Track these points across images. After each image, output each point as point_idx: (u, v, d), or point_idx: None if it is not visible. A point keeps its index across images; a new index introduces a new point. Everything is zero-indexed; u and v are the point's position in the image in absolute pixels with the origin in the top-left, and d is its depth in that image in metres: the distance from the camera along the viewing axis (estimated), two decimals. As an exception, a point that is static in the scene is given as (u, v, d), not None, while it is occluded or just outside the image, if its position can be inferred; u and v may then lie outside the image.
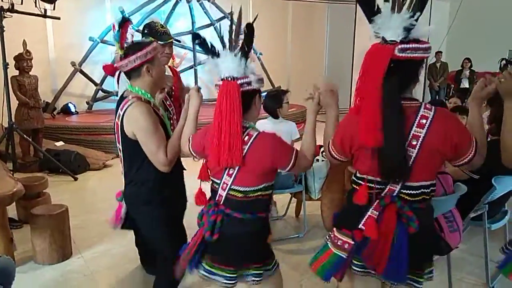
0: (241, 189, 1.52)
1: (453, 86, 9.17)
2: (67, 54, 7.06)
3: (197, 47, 2.44)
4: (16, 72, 4.94)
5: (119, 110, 1.78)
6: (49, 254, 2.76)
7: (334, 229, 1.56)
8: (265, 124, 3.15)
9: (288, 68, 9.81)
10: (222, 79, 1.49)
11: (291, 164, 1.53)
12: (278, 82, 8.72)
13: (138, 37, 7.78)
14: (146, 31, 2.38)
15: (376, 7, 1.37)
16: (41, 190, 3.50)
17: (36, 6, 4.76)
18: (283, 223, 3.55)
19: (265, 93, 3.38)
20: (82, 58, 7.04)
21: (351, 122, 1.47)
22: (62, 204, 2.97)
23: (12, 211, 3.33)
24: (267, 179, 1.55)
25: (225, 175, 1.53)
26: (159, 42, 2.24)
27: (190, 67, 8.10)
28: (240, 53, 1.48)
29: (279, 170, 1.57)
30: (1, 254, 2.11)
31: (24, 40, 4.88)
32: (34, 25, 6.29)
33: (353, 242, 1.46)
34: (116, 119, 1.81)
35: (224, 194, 1.55)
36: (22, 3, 4.46)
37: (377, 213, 1.41)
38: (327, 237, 1.57)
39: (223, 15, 7.87)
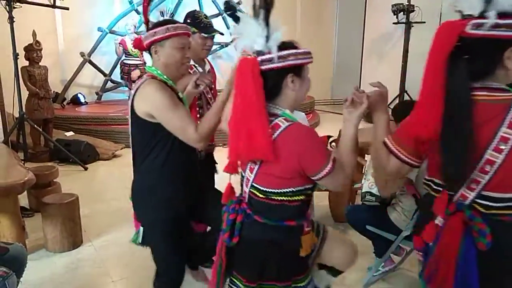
0: (262, 188, 1.27)
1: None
2: (76, 44, 7.09)
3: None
4: (26, 63, 4.97)
5: (133, 90, 1.67)
6: (60, 242, 2.81)
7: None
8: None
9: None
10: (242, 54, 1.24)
11: (324, 172, 1.21)
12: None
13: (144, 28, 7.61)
14: (189, 21, 2.19)
15: None
16: (51, 180, 3.55)
17: (45, -4, 4.78)
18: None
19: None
20: (91, 49, 7.08)
21: None
22: (72, 193, 3.01)
23: (23, 200, 3.38)
24: (294, 183, 1.25)
25: (247, 169, 1.30)
26: (202, 34, 2.16)
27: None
28: (263, 20, 1.21)
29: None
30: (13, 242, 2.15)
31: (33, 31, 4.91)
32: (43, 16, 6.32)
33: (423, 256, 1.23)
34: (129, 100, 1.69)
35: (247, 191, 1.32)
36: (31, -6, 4.48)
37: (444, 221, 1.15)
38: None
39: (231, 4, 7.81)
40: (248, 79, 1.19)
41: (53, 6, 4.94)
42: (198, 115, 2.19)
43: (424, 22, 7.02)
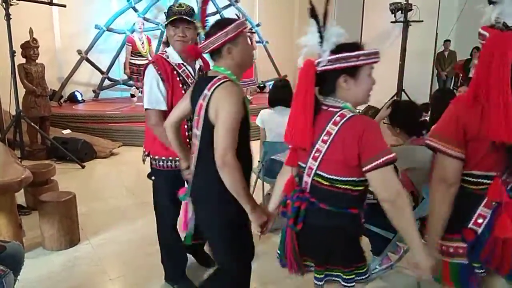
0: (327, 176, 1.36)
1: (461, 75, 9.05)
2: (73, 42, 7.07)
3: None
4: (23, 60, 4.95)
5: (206, 90, 1.57)
6: (58, 240, 2.80)
7: (439, 241, 1.43)
8: (269, 114, 3.13)
9: (295, 57, 9.73)
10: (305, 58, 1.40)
11: (382, 159, 1.25)
12: (285, 71, 8.67)
13: (146, 25, 7.65)
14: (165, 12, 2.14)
15: None
16: (48, 178, 3.54)
17: (42, -7, 4.75)
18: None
19: (272, 82, 3.36)
20: (88, 46, 7.05)
21: (464, 113, 1.34)
22: (69, 191, 3.01)
23: (20, 198, 3.37)
24: (356, 173, 1.33)
25: (310, 158, 1.39)
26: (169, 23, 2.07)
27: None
28: (316, 27, 1.37)
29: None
30: (10, 240, 2.14)
31: (30, 28, 4.88)
32: (40, 13, 6.29)
33: (465, 245, 1.37)
34: (201, 100, 1.59)
35: (309, 180, 1.41)
36: (28, -9, 4.46)
37: (489, 211, 1.33)
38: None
39: (229, 2, 7.81)
40: (302, 80, 1.38)
41: (50, 3, 4.92)
42: (186, 126, 2.08)
43: (422, 21, 7.04)
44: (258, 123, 3.24)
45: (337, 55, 1.34)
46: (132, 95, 7.08)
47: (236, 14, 7.07)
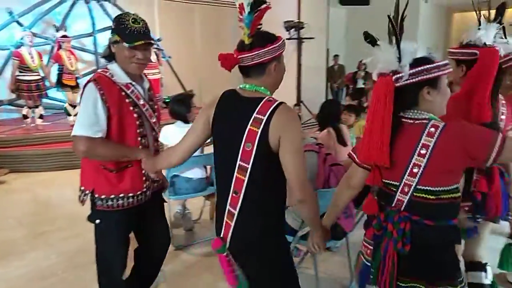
0: (432, 189, 1.33)
1: (351, 86, 10.03)
2: None
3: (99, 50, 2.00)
4: None
5: (256, 114, 1.38)
6: None
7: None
8: (172, 129, 3.12)
9: (198, 71, 9.80)
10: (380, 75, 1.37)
11: (494, 154, 1.27)
12: (190, 86, 8.67)
13: (35, 40, 6.98)
14: (113, 26, 1.72)
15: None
16: None
17: None
18: (198, 226, 3.55)
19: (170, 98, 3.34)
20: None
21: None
22: None
23: None
24: (458, 177, 1.37)
25: (406, 175, 1.34)
26: (124, 43, 1.68)
27: (92, 72, 7.66)
28: (394, 43, 1.35)
29: None
30: None
31: None
32: None
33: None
34: (250, 126, 1.39)
35: (406, 198, 1.35)
36: None
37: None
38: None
39: (126, 17, 7.58)
40: (381, 96, 1.33)
41: None
42: (140, 139, 1.81)
43: (314, 38, 7.65)
44: (161, 140, 3.19)
45: (419, 68, 1.33)
46: (25, 116, 6.35)
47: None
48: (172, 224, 3.24)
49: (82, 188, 1.82)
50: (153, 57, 6.89)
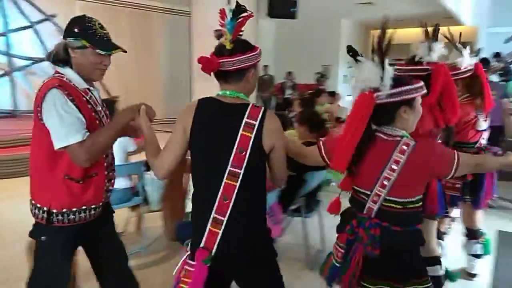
0: (400, 200, 1.47)
1: (280, 96, 10.36)
2: None
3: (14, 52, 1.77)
4: None
5: (247, 119, 1.41)
6: None
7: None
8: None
9: (125, 76, 9.42)
10: (361, 91, 1.47)
11: (452, 173, 1.48)
12: (116, 91, 8.28)
13: None
14: (76, 30, 1.62)
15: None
16: None
17: None
18: (123, 239, 3.34)
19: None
20: None
21: None
22: None
23: None
24: (421, 190, 1.53)
25: (377, 186, 1.47)
26: (98, 50, 1.61)
27: (3, 74, 6.99)
28: (378, 61, 1.46)
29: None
30: None
31: None
32: None
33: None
34: (243, 131, 1.41)
35: (376, 206, 1.49)
36: None
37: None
38: None
39: (44, 17, 7.06)
40: (360, 110, 1.45)
41: None
42: None
43: (243, 48, 7.77)
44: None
45: (400, 89, 1.45)
46: None
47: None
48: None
49: (38, 205, 1.62)
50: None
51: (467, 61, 2.37)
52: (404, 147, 1.45)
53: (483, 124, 2.52)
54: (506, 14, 11.08)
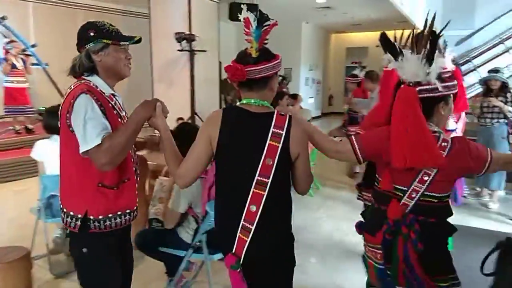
0: (437, 195, 1.48)
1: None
2: None
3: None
4: None
5: (274, 128, 1.42)
6: None
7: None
8: (48, 145, 2.83)
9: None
10: (403, 83, 1.46)
11: (484, 170, 1.50)
12: (72, 97, 7.98)
13: None
14: (92, 34, 1.63)
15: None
16: None
17: None
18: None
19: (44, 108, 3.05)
20: None
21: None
22: None
23: None
24: (453, 185, 1.56)
25: (415, 182, 1.47)
26: (121, 43, 1.64)
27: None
28: (424, 57, 1.42)
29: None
30: None
31: None
32: None
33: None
34: (270, 141, 1.41)
35: (412, 202, 1.48)
36: None
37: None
38: None
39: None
40: (411, 104, 1.42)
41: None
42: (131, 152, 1.72)
43: (206, 51, 7.71)
44: (34, 157, 2.87)
45: (448, 83, 1.46)
46: None
47: (2, 33, 6.10)
48: (51, 251, 2.94)
49: (71, 213, 1.57)
50: (20, 64, 6.22)
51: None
52: (444, 144, 1.47)
53: (452, 124, 2.57)
54: (457, 18, 11.71)
